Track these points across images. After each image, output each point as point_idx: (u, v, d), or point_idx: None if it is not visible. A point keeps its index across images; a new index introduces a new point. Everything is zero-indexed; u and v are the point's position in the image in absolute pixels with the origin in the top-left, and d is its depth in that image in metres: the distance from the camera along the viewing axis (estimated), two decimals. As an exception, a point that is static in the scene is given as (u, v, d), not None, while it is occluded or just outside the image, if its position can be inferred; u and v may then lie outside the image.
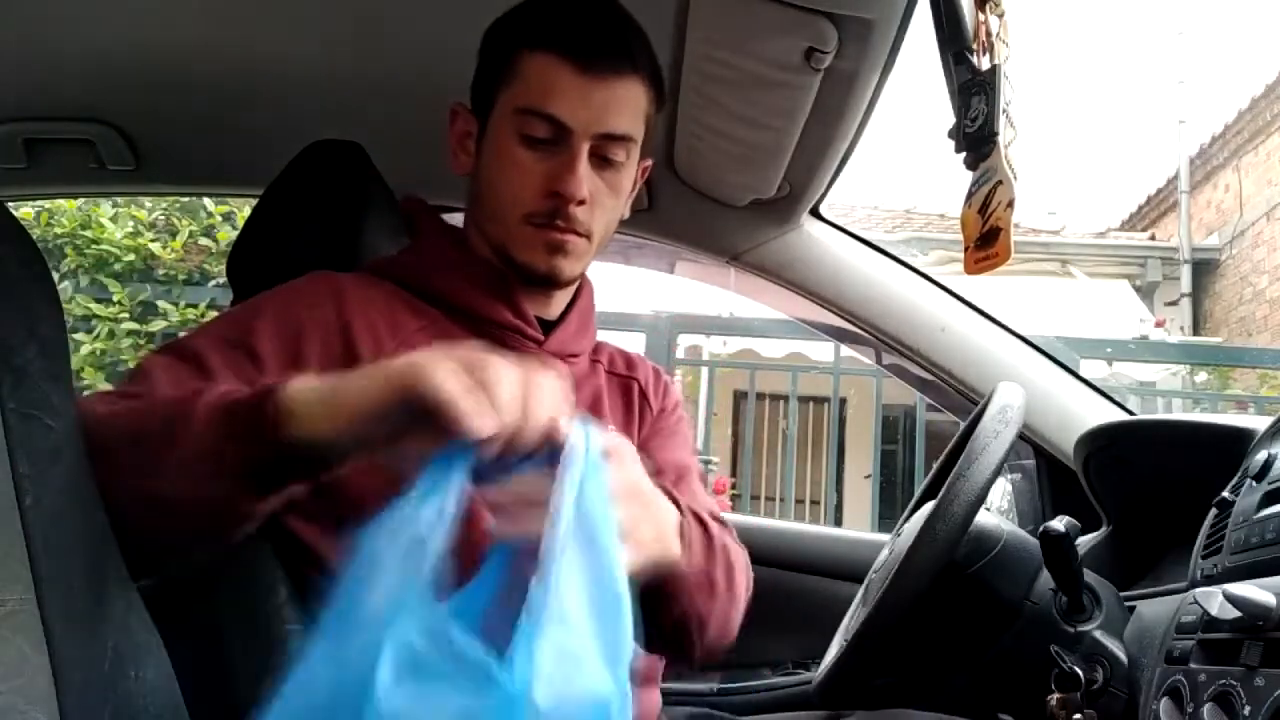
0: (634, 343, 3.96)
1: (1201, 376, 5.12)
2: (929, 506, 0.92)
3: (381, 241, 1.11)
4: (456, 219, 1.09)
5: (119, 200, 4.03)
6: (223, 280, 3.80)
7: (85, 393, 3.51)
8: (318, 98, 1.26)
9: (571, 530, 0.52)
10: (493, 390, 0.55)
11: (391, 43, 1.15)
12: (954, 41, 0.88)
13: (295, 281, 0.87)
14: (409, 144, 1.37)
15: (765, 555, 1.33)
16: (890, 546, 1.12)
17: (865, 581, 1.14)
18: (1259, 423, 0.91)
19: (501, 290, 0.88)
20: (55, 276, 1.97)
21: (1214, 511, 0.84)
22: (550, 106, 0.83)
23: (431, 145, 1.39)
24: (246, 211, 1.09)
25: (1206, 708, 0.66)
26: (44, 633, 0.63)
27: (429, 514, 0.52)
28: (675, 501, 0.76)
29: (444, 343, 0.72)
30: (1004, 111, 0.85)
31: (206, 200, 4.04)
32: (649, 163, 0.95)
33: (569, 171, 0.83)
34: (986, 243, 0.89)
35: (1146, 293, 7.26)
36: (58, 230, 3.97)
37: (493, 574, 0.59)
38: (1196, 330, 7.26)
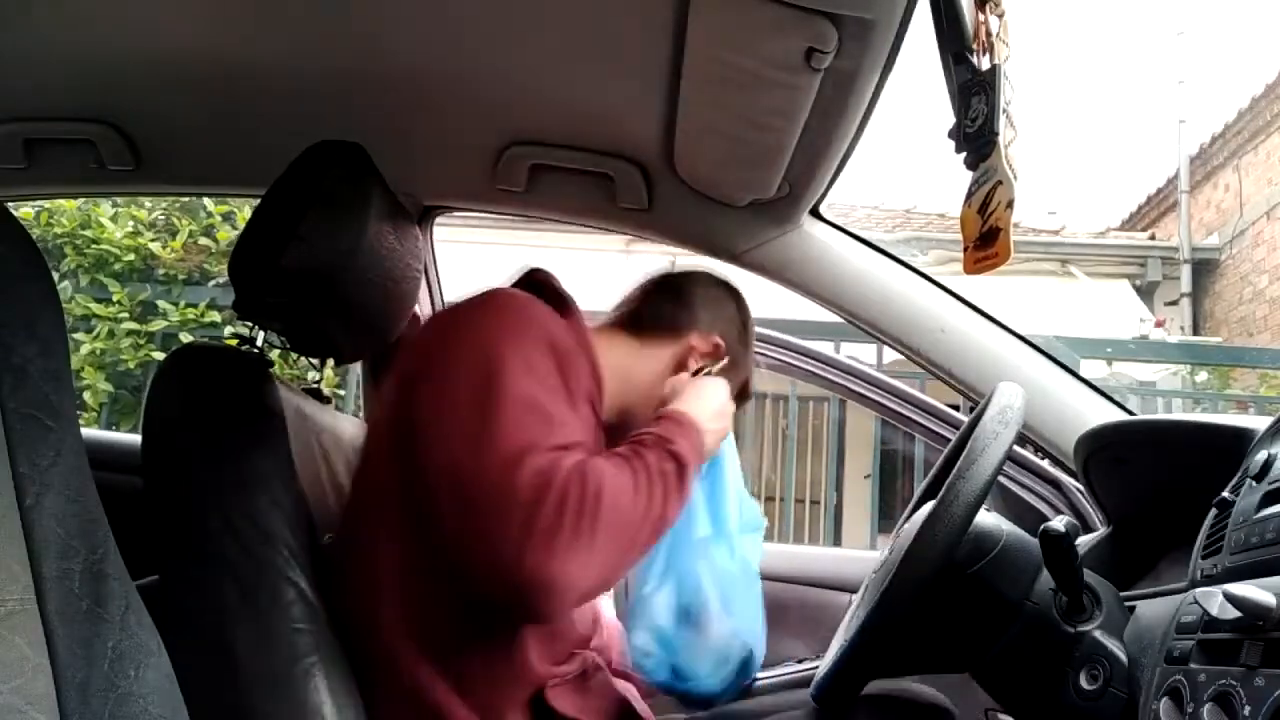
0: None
1: (1201, 376, 5.11)
2: (929, 506, 0.92)
3: (383, 244, 1.12)
4: (455, 222, 1.12)
5: (119, 200, 4.02)
6: (223, 280, 3.80)
7: (85, 393, 3.47)
8: (318, 98, 1.26)
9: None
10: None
11: (391, 44, 1.15)
12: (954, 41, 0.88)
13: (527, 331, 0.99)
14: (409, 144, 1.38)
15: (776, 573, 1.55)
16: (890, 546, 1.12)
17: (865, 582, 1.14)
18: (1259, 423, 0.91)
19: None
20: (55, 276, 1.97)
21: (1214, 511, 0.84)
22: None
23: (431, 146, 1.40)
24: (247, 212, 1.10)
25: (1206, 708, 0.66)
26: (44, 633, 0.63)
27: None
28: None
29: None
30: (1004, 111, 0.85)
31: (206, 200, 4.04)
32: None
33: None
34: (986, 243, 0.89)
35: (1146, 293, 7.25)
36: (58, 230, 3.96)
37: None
38: (1196, 330, 7.26)
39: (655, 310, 1.21)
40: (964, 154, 0.90)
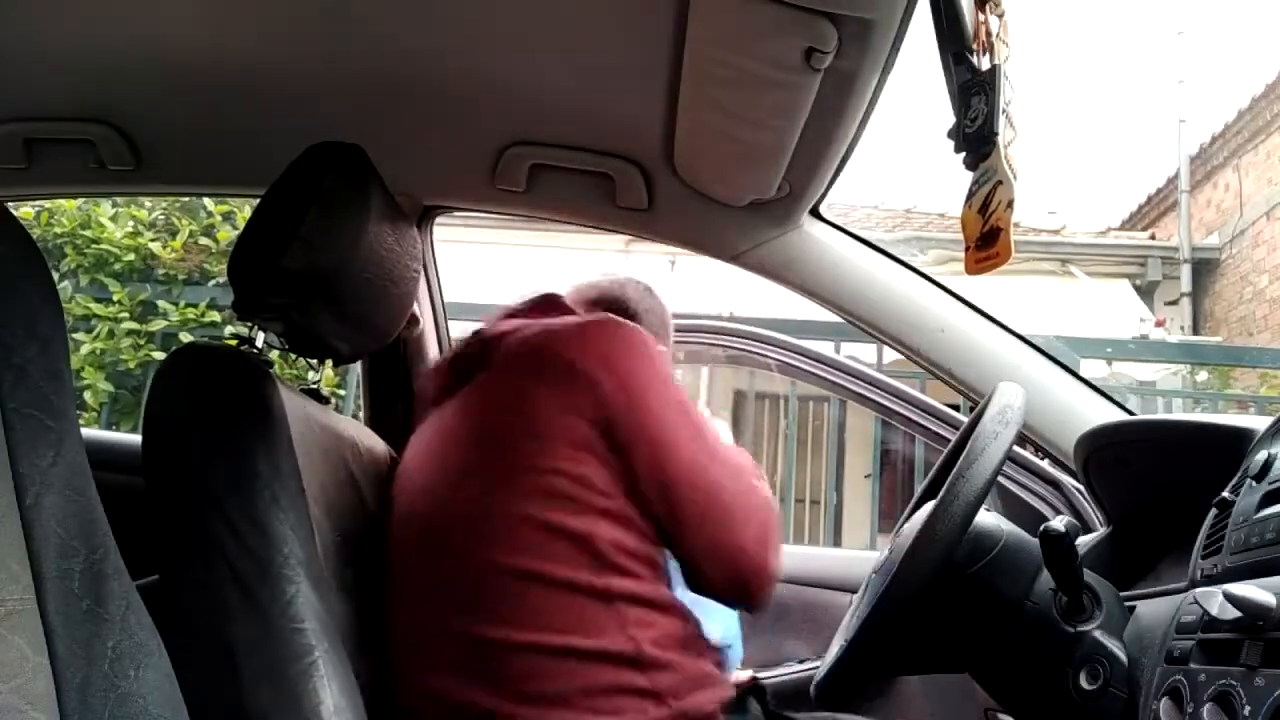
0: (634, 342, 3.93)
1: (1201, 376, 5.10)
2: (929, 506, 0.92)
3: (382, 244, 1.12)
4: (455, 222, 1.12)
5: (119, 200, 4.02)
6: (223, 280, 3.79)
7: (85, 393, 3.47)
8: (318, 98, 1.26)
9: None
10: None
11: (391, 44, 1.15)
12: (954, 41, 0.88)
13: (652, 350, 1.12)
14: (409, 144, 1.38)
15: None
16: (890, 546, 1.12)
17: (865, 582, 1.15)
18: (1259, 423, 0.91)
19: None
20: (55, 276, 1.96)
21: (1214, 511, 0.84)
22: None
23: (431, 146, 1.40)
24: (247, 211, 1.10)
25: (1206, 708, 0.66)
26: (44, 633, 0.63)
27: None
28: None
29: None
30: (1004, 111, 0.85)
31: (206, 200, 4.03)
32: None
33: None
34: (987, 243, 0.89)
35: (1147, 292, 7.24)
36: (58, 230, 3.96)
37: None
38: (1196, 330, 7.25)
39: None
40: (964, 154, 0.90)
